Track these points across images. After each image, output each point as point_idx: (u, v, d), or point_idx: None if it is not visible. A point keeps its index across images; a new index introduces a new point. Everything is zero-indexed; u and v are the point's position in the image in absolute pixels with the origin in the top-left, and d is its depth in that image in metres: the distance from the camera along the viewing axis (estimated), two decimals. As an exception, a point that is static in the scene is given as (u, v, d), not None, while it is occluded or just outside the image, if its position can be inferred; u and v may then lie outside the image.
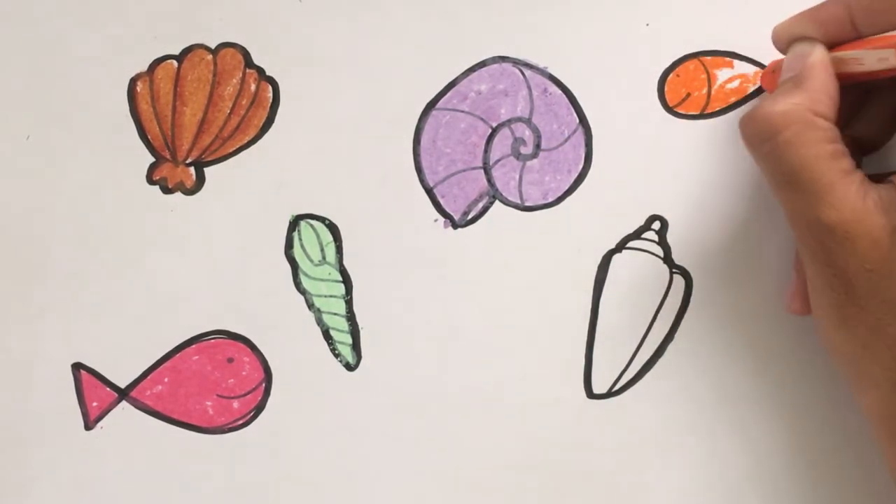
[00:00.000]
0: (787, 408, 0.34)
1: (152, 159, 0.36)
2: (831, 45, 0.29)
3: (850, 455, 0.33)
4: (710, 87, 0.35)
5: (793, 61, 0.30)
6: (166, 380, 0.35)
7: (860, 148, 0.32)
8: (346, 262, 0.35)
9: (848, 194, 0.27)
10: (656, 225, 0.35)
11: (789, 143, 0.28)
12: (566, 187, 0.35)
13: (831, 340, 0.29)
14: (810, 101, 0.28)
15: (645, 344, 0.34)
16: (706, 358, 0.34)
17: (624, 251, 0.35)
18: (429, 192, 0.36)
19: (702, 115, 0.35)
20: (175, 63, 0.37)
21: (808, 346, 0.34)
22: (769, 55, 0.35)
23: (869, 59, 0.28)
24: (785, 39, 0.31)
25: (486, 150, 0.36)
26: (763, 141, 0.28)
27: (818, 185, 0.27)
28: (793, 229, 0.29)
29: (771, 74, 0.32)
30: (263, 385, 0.35)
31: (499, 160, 0.35)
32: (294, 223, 0.36)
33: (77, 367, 0.36)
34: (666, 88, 0.35)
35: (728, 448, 0.34)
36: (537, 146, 0.35)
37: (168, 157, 0.36)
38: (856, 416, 0.33)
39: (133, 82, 0.37)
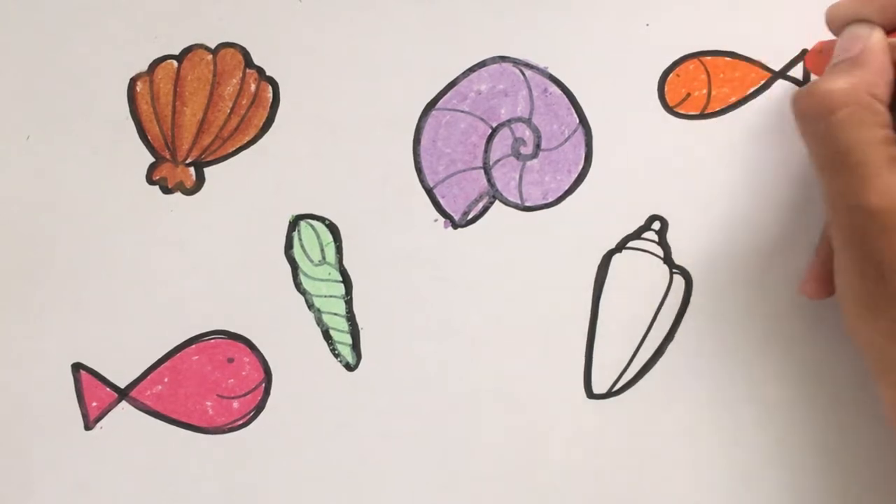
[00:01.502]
0: (786, 407, 0.34)
1: (152, 159, 0.36)
2: (889, 31, 0.29)
3: (851, 453, 0.33)
4: (710, 87, 0.35)
5: (848, 43, 0.29)
6: (166, 380, 0.35)
7: None
8: (346, 262, 0.35)
9: (894, 182, 0.26)
10: (656, 225, 0.35)
11: (844, 122, 0.27)
12: (566, 187, 0.35)
13: (856, 328, 0.29)
14: (869, 83, 0.27)
15: (645, 344, 0.34)
16: (706, 358, 0.34)
17: (624, 251, 0.35)
18: (429, 192, 0.36)
19: (702, 115, 0.35)
20: (175, 63, 0.37)
21: (808, 345, 0.34)
22: (769, 55, 0.35)
23: None
24: (841, 20, 0.30)
25: (486, 150, 0.36)
26: (818, 118, 0.28)
27: (866, 169, 0.27)
28: (830, 211, 0.28)
29: (817, 55, 0.31)
30: (263, 385, 0.35)
31: (499, 160, 0.35)
32: (294, 223, 0.36)
33: (77, 367, 0.36)
34: (666, 88, 0.35)
35: (728, 448, 0.34)
36: (537, 146, 0.35)
37: (168, 157, 0.36)
38: (857, 414, 0.33)
39: (133, 82, 0.37)
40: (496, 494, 0.34)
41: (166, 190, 0.36)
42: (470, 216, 0.35)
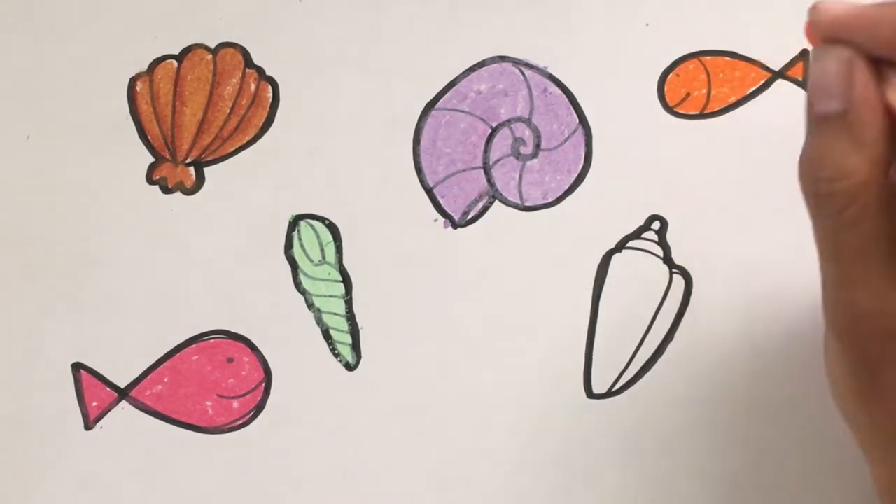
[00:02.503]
0: (786, 407, 0.34)
1: (152, 159, 0.36)
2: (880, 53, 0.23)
3: (850, 452, 0.33)
4: (709, 86, 0.35)
5: (831, 78, 0.23)
6: (166, 380, 0.35)
7: None
8: (345, 262, 0.35)
9: (889, 283, 0.24)
10: (656, 225, 0.35)
11: (860, 216, 0.23)
12: (566, 187, 0.35)
13: (845, 408, 0.27)
14: (875, 160, 0.23)
15: (645, 344, 0.34)
16: (706, 358, 0.34)
17: (624, 251, 0.35)
18: (429, 192, 0.36)
19: (702, 115, 0.35)
20: (175, 63, 0.37)
21: (807, 346, 0.34)
22: (769, 55, 0.35)
23: None
24: (825, 26, 0.24)
25: (486, 150, 0.36)
26: (839, 211, 0.23)
27: (863, 265, 0.24)
28: (822, 288, 0.25)
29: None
30: (263, 385, 0.35)
31: (499, 160, 0.35)
32: (294, 223, 0.36)
33: (77, 367, 0.36)
34: (666, 88, 0.35)
35: (727, 448, 0.34)
36: (537, 146, 0.35)
37: (168, 156, 0.36)
38: (856, 416, 0.33)
39: (133, 82, 0.37)
40: (496, 494, 0.34)
41: (166, 190, 0.36)
42: (470, 216, 0.35)
